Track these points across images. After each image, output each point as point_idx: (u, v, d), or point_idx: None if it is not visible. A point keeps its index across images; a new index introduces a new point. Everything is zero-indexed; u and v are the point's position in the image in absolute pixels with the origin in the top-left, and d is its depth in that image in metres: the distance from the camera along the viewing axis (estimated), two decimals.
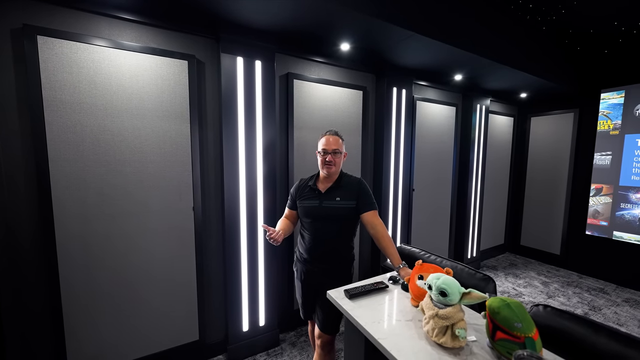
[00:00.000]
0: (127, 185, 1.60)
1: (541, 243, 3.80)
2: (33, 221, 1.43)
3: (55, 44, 1.38)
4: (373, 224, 1.38)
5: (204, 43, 1.78)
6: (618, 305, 2.74)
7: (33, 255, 1.44)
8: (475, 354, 0.85)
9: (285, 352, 2.01)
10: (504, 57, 2.37)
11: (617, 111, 3.11)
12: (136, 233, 1.64)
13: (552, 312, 0.99)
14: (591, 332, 0.89)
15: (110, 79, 1.51)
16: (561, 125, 3.57)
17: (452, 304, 0.87)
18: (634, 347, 0.82)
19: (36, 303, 1.46)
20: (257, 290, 1.94)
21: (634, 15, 2.33)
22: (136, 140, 1.60)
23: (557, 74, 2.93)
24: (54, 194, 1.43)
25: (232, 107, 1.78)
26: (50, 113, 1.39)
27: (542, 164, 3.77)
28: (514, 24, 2.43)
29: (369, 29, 1.79)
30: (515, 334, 0.77)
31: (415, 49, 2.08)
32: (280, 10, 1.57)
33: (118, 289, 1.61)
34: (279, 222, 1.49)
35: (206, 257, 1.89)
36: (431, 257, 1.54)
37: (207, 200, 1.86)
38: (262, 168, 1.90)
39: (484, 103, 3.31)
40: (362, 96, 2.44)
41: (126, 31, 1.56)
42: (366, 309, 1.09)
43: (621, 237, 3.10)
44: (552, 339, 0.94)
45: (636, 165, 2.99)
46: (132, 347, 1.67)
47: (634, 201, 3.02)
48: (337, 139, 1.41)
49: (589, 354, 0.87)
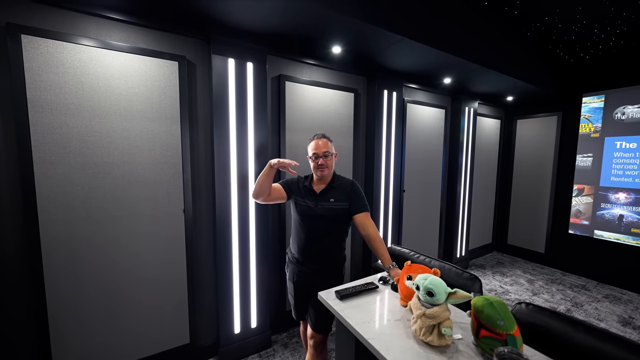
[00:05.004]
0: (115, 188, 1.57)
1: (527, 242, 3.91)
2: (17, 225, 1.39)
3: (40, 43, 1.35)
4: (365, 225, 1.40)
5: (194, 44, 1.77)
6: (599, 301, 2.85)
7: (17, 262, 1.40)
8: (460, 351, 0.88)
9: (277, 353, 2.01)
10: (490, 62, 2.44)
11: (597, 115, 3.24)
12: (125, 236, 1.61)
13: (534, 310, 1.03)
14: (570, 328, 0.94)
15: (98, 79, 1.49)
16: (545, 128, 3.69)
17: (439, 304, 0.90)
18: (609, 341, 0.86)
19: (20, 310, 1.42)
20: (248, 292, 1.94)
21: (613, 23, 2.43)
22: (125, 142, 1.58)
23: (540, 79, 3.03)
24: (39, 197, 1.39)
25: (223, 108, 1.77)
26: (34, 114, 1.36)
27: (527, 165, 3.89)
28: (500, 30, 2.51)
29: (360, 33, 1.81)
30: (497, 331, 0.80)
31: (405, 52, 2.12)
32: (271, 13, 1.57)
33: (107, 293, 1.58)
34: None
35: (197, 259, 1.88)
36: (420, 258, 1.57)
37: (197, 203, 1.85)
38: (254, 170, 1.90)
39: (472, 106, 3.39)
40: (353, 98, 2.46)
41: (114, 31, 1.54)
42: (356, 310, 1.11)
43: (601, 236, 3.23)
44: (533, 335, 0.98)
45: (615, 166, 3.12)
46: (122, 351, 1.64)
47: (613, 201, 3.15)
48: (326, 142, 1.43)
49: (567, 349, 0.91)
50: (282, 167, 1.44)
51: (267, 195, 1.44)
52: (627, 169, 3.04)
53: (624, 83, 3.04)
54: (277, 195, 1.47)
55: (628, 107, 3.03)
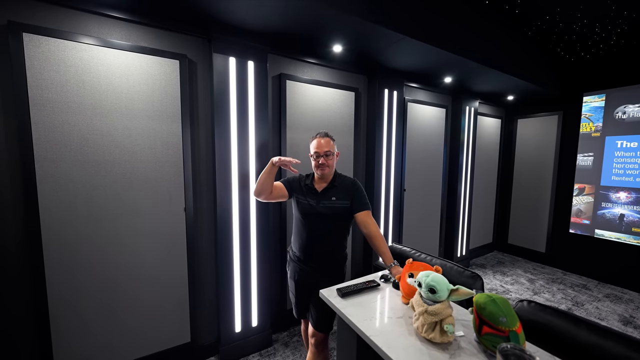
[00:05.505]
0: (116, 186, 1.57)
1: (528, 241, 3.91)
2: (19, 223, 1.39)
3: (42, 41, 1.35)
4: (366, 223, 1.40)
5: (195, 43, 1.77)
6: (599, 300, 2.85)
7: (18, 259, 1.40)
8: (462, 348, 0.87)
9: (278, 352, 2.01)
10: (491, 61, 2.44)
11: (598, 114, 3.23)
12: (126, 235, 1.61)
13: (536, 307, 1.03)
14: (572, 325, 0.94)
15: (100, 77, 1.49)
16: (546, 127, 3.69)
17: (441, 301, 0.90)
18: (612, 339, 0.86)
19: (20, 309, 1.42)
20: (249, 290, 1.94)
21: (614, 22, 2.43)
22: (126, 140, 1.58)
23: (541, 78, 3.03)
24: (41, 195, 1.39)
25: (224, 107, 1.77)
26: (36, 112, 1.36)
27: (528, 164, 3.89)
28: (501, 29, 2.51)
29: (361, 32, 1.81)
30: (500, 328, 0.80)
31: (406, 51, 2.12)
32: (272, 12, 1.57)
33: (108, 291, 1.58)
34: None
35: (198, 258, 1.88)
36: (421, 256, 1.57)
37: (198, 201, 1.85)
38: (254, 168, 1.90)
39: (473, 105, 3.39)
40: (354, 97, 2.46)
41: (116, 29, 1.54)
42: (358, 307, 1.10)
43: (602, 235, 3.23)
44: (535, 333, 0.98)
45: (616, 166, 3.12)
46: (123, 350, 1.64)
47: (614, 200, 3.15)
48: (328, 141, 1.43)
49: (570, 346, 0.91)
50: (283, 165, 1.44)
51: (268, 194, 1.44)
52: (628, 168, 3.04)
53: (625, 82, 3.03)
54: (279, 194, 1.47)
55: (629, 106, 3.02)
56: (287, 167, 1.47)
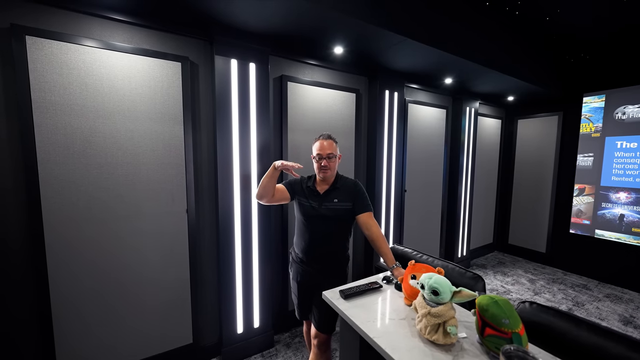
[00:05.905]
0: (119, 188, 1.58)
1: (528, 242, 3.92)
2: (22, 225, 1.39)
3: (44, 44, 1.36)
4: (368, 225, 1.41)
5: (197, 45, 1.77)
6: (600, 300, 2.86)
7: (21, 261, 1.40)
8: (465, 350, 0.88)
9: (280, 353, 2.02)
10: (491, 62, 2.45)
11: (598, 114, 3.24)
12: (129, 236, 1.62)
13: (537, 309, 1.04)
14: (573, 326, 0.94)
15: (102, 80, 1.49)
16: (546, 128, 3.69)
17: (444, 303, 0.90)
18: (612, 340, 0.87)
19: (23, 310, 1.42)
20: (251, 291, 1.94)
21: (613, 24, 2.44)
22: (128, 143, 1.59)
23: (542, 78, 3.04)
24: (44, 197, 1.40)
25: (226, 109, 1.78)
26: (39, 115, 1.37)
27: (528, 165, 3.89)
28: (501, 30, 2.51)
29: (362, 34, 1.82)
30: (503, 329, 0.81)
31: (407, 52, 2.13)
32: (274, 15, 1.58)
33: (110, 292, 1.58)
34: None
35: (200, 259, 1.88)
36: (423, 257, 1.58)
37: (200, 203, 1.86)
38: (256, 170, 1.90)
39: (473, 106, 3.40)
40: (355, 99, 2.47)
41: (118, 32, 1.55)
42: (361, 309, 1.11)
43: (602, 235, 3.23)
44: (537, 334, 0.98)
45: (616, 166, 3.13)
46: (125, 351, 1.64)
47: (614, 201, 3.15)
48: (331, 143, 1.43)
49: (571, 347, 0.92)
50: (285, 170, 1.44)
51: (270, 197, 1.44)
52: (628, 169, 3.05)
53: (625, 83, 3.04)
54: (281, 197, 1.47)
55: (628, 106, 3.03)
56: (290, 172, 1.47)
